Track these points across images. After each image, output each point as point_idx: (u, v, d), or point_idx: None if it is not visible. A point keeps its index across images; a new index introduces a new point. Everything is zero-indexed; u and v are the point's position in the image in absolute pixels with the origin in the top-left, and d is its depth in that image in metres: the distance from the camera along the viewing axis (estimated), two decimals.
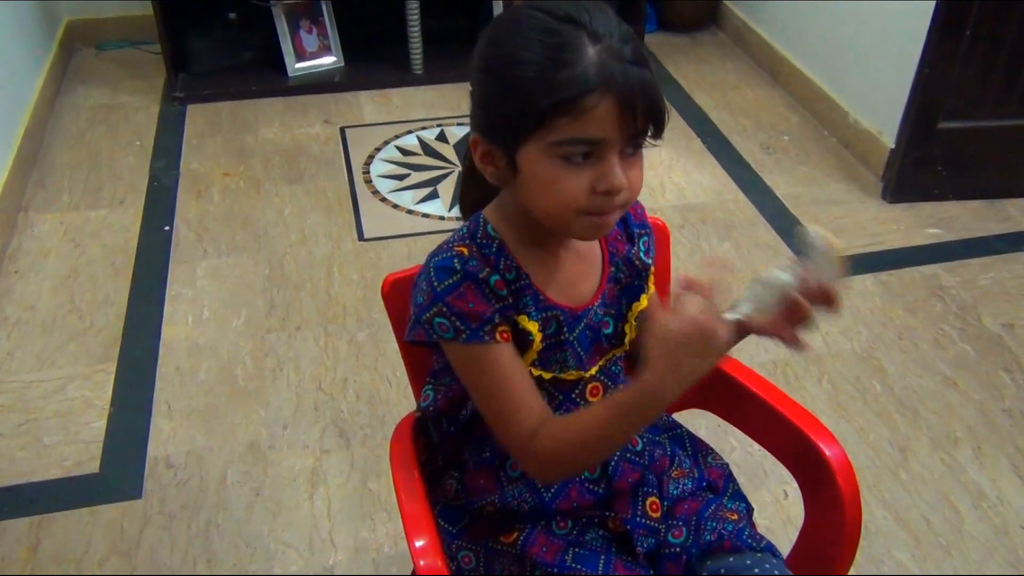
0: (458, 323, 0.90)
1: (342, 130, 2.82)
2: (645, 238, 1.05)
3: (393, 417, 1.82)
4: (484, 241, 0.95)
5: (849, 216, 2.47)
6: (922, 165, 2.46)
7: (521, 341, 0.95)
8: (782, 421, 1.10)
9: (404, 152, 2.71)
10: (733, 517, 1.04)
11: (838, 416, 1.85)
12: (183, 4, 2.89)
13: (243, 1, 2.87)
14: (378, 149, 2.72)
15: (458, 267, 0.90)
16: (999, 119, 2.40)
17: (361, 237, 2.33)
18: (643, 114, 0.83)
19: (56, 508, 1.63)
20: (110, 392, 1.87)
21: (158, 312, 2.08)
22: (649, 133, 0.86)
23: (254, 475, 1.69)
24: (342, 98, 3.00)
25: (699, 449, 1.13)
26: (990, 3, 2.20)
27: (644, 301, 1.03)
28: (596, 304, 1.00)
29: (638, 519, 1.03)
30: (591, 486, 1.03)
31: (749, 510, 1.08)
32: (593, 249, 1.02)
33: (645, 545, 1.03)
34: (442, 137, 2.79)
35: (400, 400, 1.85)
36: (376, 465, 1.71)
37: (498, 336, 0.91)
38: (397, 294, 1.09)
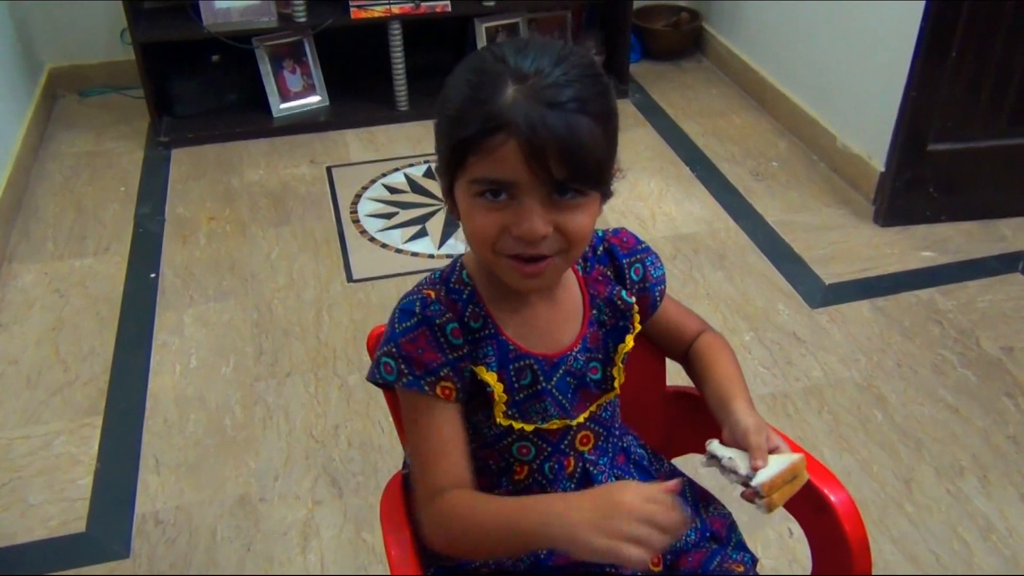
0: (403, 366, 0.90)
1: (328, 169, 2.80)
2: (637, 265, 1.02)
3: (386, 463, 1.78)
4: (456, 286, 0.94)
5: (842, 241, 2.45)
6: (913, 188, 2.45)
7: (483, 393, 0.93)
8: None
9: (391, 190, 2.69)
10: (739, 569, 1.00)
11: (840, 448, 1.82)
12: (165, 48, 2.88)
13: (225, 43, 2.86)
14: (365, 188, 2.70)
15: (418, 311, 0.90)
16: (988, 139, 2.38)
17: (350, 278, 2.30)
18: (557, 162, 0.79)
19: (42, 570, 1.58)
20: (96, 447, 1.82)
21: (145, 362, 2.04)
22: (577, 183, 0.82)
23: (245, 529, 1.65)
24: (328, 137, 2.98)
25: (701, 498, 1.09)
26: (975, 24, 2.19)
27: (630, 342, 1.00)
28: (576, 350, 0.97)
29: (639, 575, 1.00)
30: None
31: (754, 561, 1.05)
32: (571, 294, 0.99)
33: None
34: (429, 174, 2.77)
35: (393, 446, 1.81)
36: (370, 514, 1.67)
37: (438, 391, 0.90)
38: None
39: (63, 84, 3.26)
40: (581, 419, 0.98)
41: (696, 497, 1.09)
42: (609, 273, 1.01)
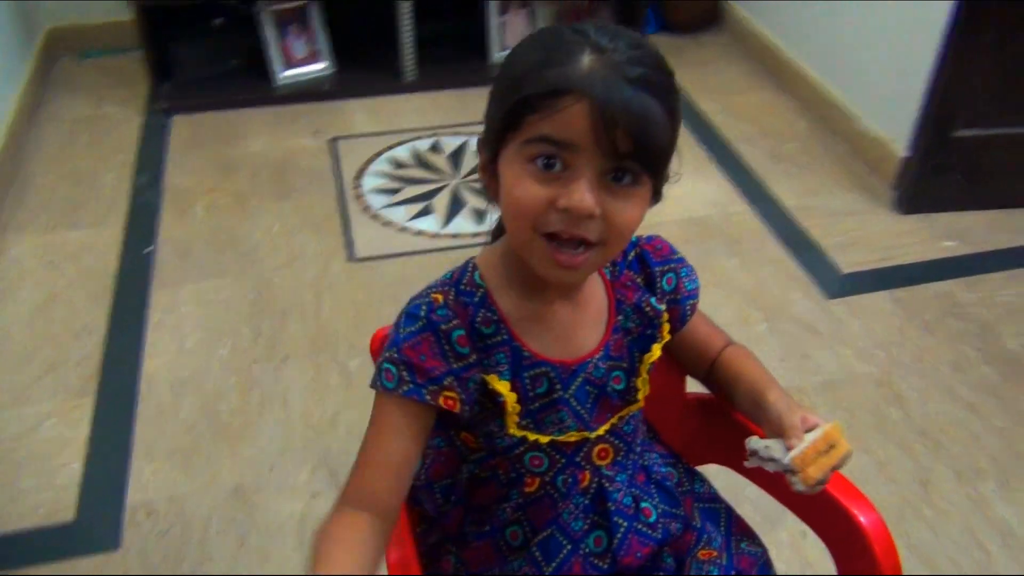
0: (404, 373, 0.83)
1: (332, 141, 2.72)
2: (670, 275, 0.96)
3: None
4: (467, 288, 0.88)
5: (861, 228, 2.37)
6: (937, 174, 2.36)
7: (494, 402, 0.87)
8: None
9: (397, 164, 2.61)
10: None
11: (856, 448, 1.72)
12: (166, 10, 2.78)
13: (229, 6, 2.76)
14: (370, 161, 2.62)
15: (423, 314, 0.84)
16: (1019, 126, 2.29)
17: (352, 257, 2.23)
18: (625, 134, 0.74)
19: (28, 562, 1.53)
20: (88, 431, 1.77)
21: (139, 342, 1.98)
22: (638, 164, 0.77)
23: (239, 522, 1.60)
24: (332, 107, 2.89)
25: (736, 530, 1.03)
26: (1013, 5, 2.09)
27: (656, 351, 0.93)
28: (597, 356, 0.91)
29: None
30: (595, 560, 0.94)
31: None
32: (595, 296, 0.93)
33: None
34: (436, 148, 2.69)
35: None
36: None
37: (441, 401, 0.83)
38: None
39: (62, 45, 3.16)
40: (601, 431, 0.92)
41: (730, 528, 1.03)
42: (639, 280, 0.94)
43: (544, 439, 0.89)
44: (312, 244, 2.27)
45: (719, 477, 1.08)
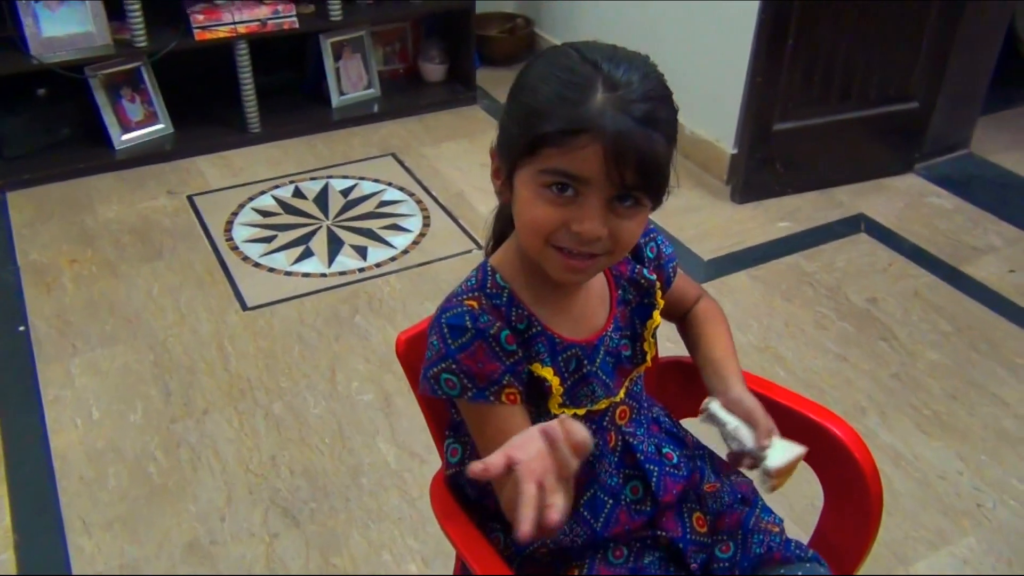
0: (466, 381, 0.91)
1: (190, 199, 2.67)
2: (652, 244, 1.08)
3: (335, 486, 1.74)
4: (494, 291, 0.96)
5: (708, 220, 2.62)
6: (763, 166, 2.66)
7: (540, 388, 0.96)
8: (785, 412, 1.14)
9: (263, 214, 2.60)
10: (775, 529, 1.08)
11: None
12: None
13: (53, 74, 2.65)
14: (235, 214, 2.59)
15: (470, 325, 0.91)
16: (822, 116, 2.64)
17: (245, 307, 2.21)
18: (633, 170, 0.83)
19: None
20: (8, 519, 1.65)
21: (38, 421, 1.87)
22: (642, 192, 0.86)
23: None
24: (179, 166, 2.84)
25: (723, 467, 1.16)
26: (807, 17, 2.41)
27: (657, 317, 1.05)
28: (609, 330, 1.01)
29: (688, 536, 1.05)
30: (637, 506, 1.04)
31: (781, 521, 1.12)
32: (598, 278, 1.03)
33: (697, 560, 1.05)
34: (298, 193, 2.70)
35: (338, 468, 1.77)
36: (334, 539, 1.63)
37: (504, 398, 0.92)
38: (412, 351, 1.05)
39: None
40: (621, 395, 1.03)
41: (717, 466, 1.16)
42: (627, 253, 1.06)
43: (581, 411, 0.99)
44: (200, 300, 2.23)
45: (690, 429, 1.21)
